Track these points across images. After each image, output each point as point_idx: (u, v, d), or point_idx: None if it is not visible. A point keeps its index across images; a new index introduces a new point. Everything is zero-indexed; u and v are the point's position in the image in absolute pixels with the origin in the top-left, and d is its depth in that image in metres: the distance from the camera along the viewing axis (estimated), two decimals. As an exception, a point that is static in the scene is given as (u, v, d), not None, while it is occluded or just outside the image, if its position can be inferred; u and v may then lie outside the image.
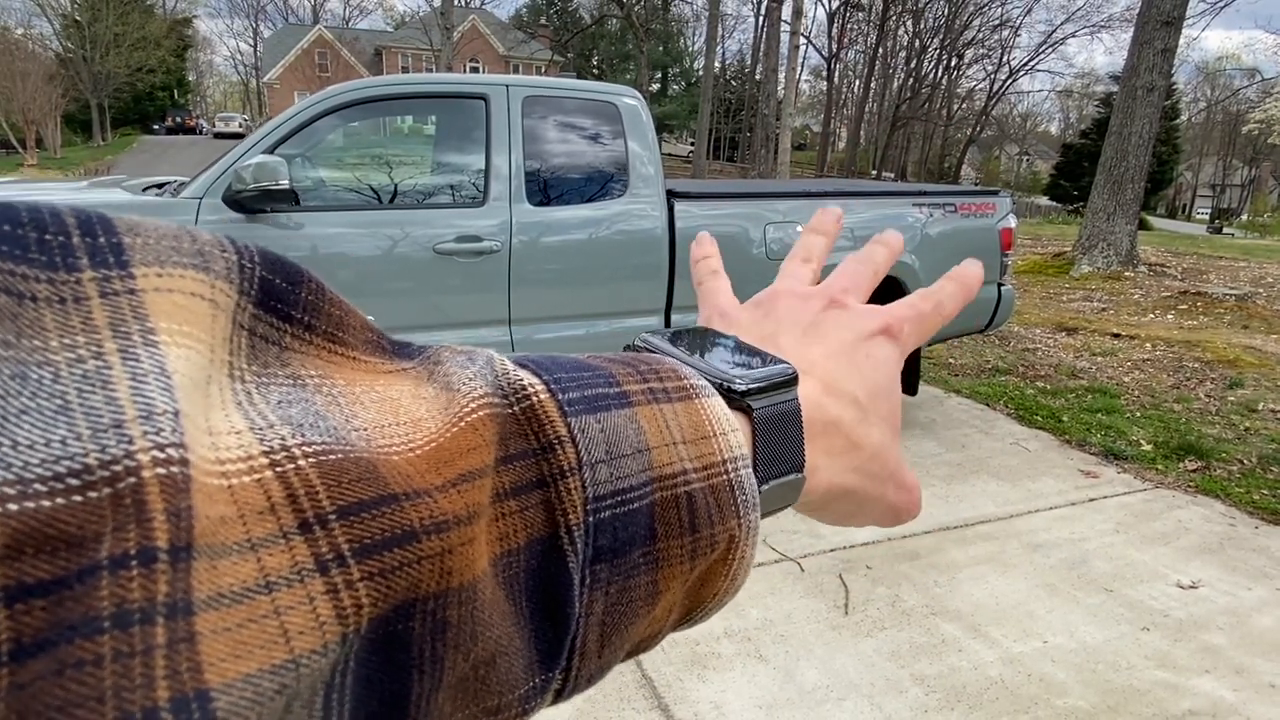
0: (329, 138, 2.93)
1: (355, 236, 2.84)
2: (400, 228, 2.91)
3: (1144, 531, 3.22)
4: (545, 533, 0.23)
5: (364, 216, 2.90)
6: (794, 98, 17.62)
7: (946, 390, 5.09)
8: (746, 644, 2.43)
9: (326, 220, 2.82)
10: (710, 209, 3.45)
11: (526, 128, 3.11)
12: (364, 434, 0.19)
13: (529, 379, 0.23)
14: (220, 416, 0.17)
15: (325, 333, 0.20)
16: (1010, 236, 4.14)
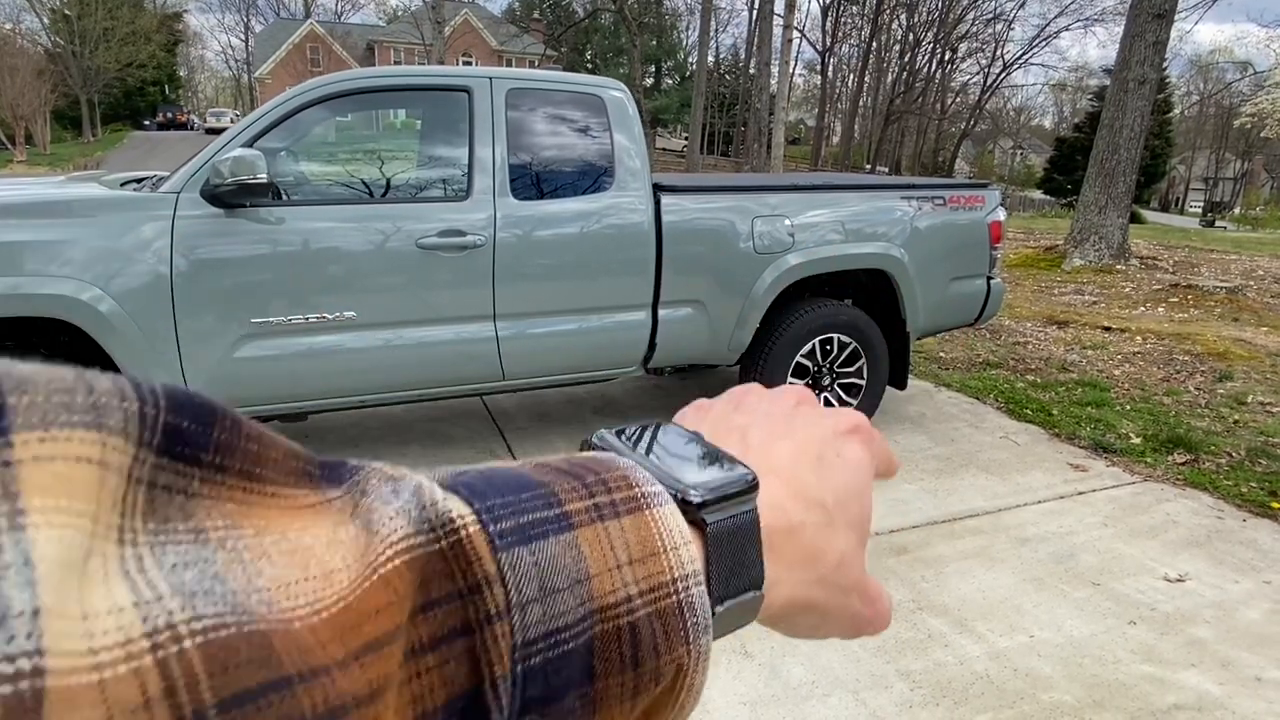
0: (310, 131, 2.89)
1: (337, 231, 2.81)
2: (383, 222, 2.88)
3: (1132, 525, 3.22)
4: (467, 688, 0.21)
5: (346, 211, 2.87)
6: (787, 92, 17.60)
7: (937, 384, 5.08)
8: (733, 639, 2.40)
9: (308, 215, 2.79)
10: (697, 203, 3.42)
11: (511, 121, 3.07)
12: (266, 596, 0.18)
13: (458, 510, 0.22)
14: (101, 594, 0.15)
15: (240, 471, 0.19)
16: (999, 230, 4.12)
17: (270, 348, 2.79)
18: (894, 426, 4.28)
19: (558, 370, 3.32)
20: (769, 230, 3.49)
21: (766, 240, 3.49)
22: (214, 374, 2.73)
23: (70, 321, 2.51)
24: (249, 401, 2.87)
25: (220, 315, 2.69)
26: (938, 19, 43.44)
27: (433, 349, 3.02)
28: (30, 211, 2.53)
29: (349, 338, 2.89)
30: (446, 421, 4.20)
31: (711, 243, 3.42)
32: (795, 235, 3.54)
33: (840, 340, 3.78)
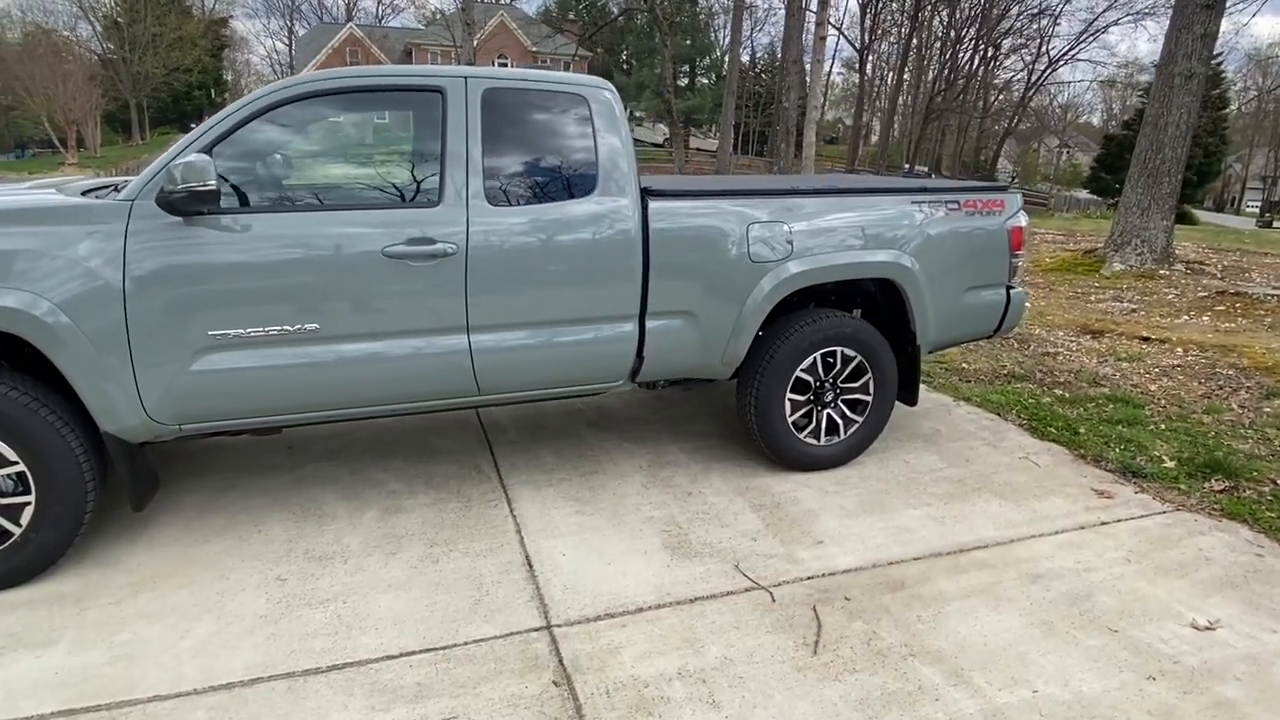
0: (274, 135, 2.77)
1: (298, 239, 2.67)
2: (347, 229, 2.74)
3: (1159, 561, 2.94)
4: None
5: (309, 218, 2.73)
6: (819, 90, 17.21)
7: (956, 398, 4.80)
8: (700, 687, 2.21)
9: (268, 222, 2.66)
10: (688, 208, 3.22)
11: (486, 122, 2.91)
12: None
13: None
14: None
15: None
16: (1021, 236, 3.84)
17: (229, 361, 2.67)
18: (905, 445, 4.03)
19: (537, 385, 3.15)
20: (765, 237, 3.28)
21: (762, 248, 3.27)
22: (170, 388, 2.62)
23: (19, 336, 2.41)
24: (208, 416, 2.76)
25: (176, 327, 2.58)
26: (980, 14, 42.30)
27: (401, 363, 2.88)
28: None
29: (311, 351, 2.76)
30: (434, 433, 4.07)
31: (703, 250, 3.22)
32: (794, 242, 3.32)
33: (844, 354, 3.55)
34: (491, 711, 2.10)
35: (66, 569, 2.70)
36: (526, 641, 2.40)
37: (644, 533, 3.08)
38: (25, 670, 2.21)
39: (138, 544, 2.91)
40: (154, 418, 2.65)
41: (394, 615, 2.52)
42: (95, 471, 2.62)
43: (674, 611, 2.57)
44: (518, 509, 3.25)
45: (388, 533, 3.04)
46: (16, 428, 2.47)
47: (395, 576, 2.74)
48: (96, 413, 2.56)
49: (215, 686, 2.17)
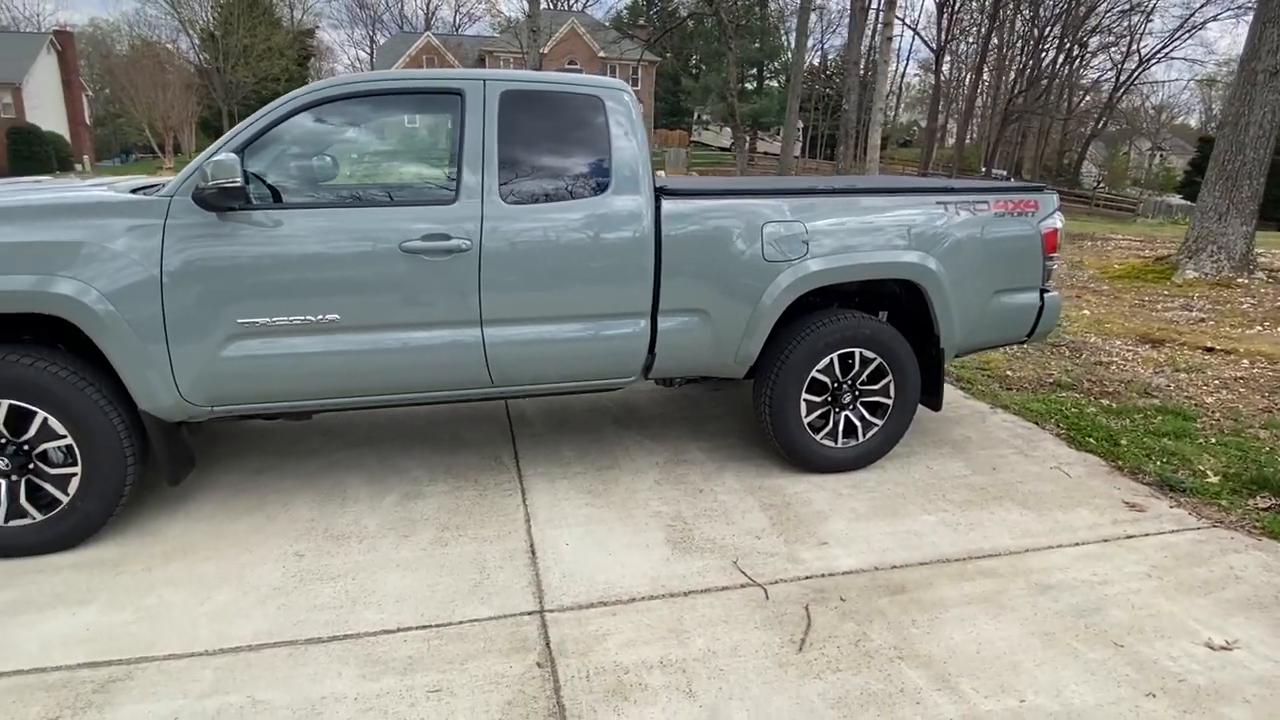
0: (302, 135, 2.93)
1: (322, 234, 2.83)
2: (368, 225, 2.88)
3: (1183, 578, 2.81)
4: None
5: (333, 214, 2.88)
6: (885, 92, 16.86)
7: (993, 405, 4.67)
8: (679, 676, 2.25)
9: (294, 217, 2.82)
10: (702, 207, 3.25)
11: (503, 122, 3.01)
12: None
13: None
14: None
15: None
16: (1055, 238, 3.72)
17: (256, 348, 2.85)
18: (931, 450, 3.95)
19: (549, 379, 3.23)
20: (780, 237, 3.28)
21: (777, 247, 3.27)
22: (202, 372, 2.81)
23: (67, 319, 2.64)
24: (236, 399, 2.94)
25: (208, 315, 2.77)
26: (1064, 12, 40.57)
27: (417, 354, 3.00)
28: (39, 214, 2.68)
29: (332, 340, 2.91)
30: (462, 424, 4.21)
31: (715, 250, 3.24)
32: (810, 242, 3.31)
33: (863, 355, 3.51)
34: (474, 687, 2.18)
35: (108, 537, 2.93)
36: (518, 624, 2.48)
37: (649, 527, 3.12)
38: (61, 625, 2.42)
39: (175, 518, 3.12)
40: (188, 399, 2.85)
41: (397, 593, 2.63)
42: (135, 448, 2.84)
43: (666, 603, 2.61)
44: (530, 499, 3.34)
45: (404, 516, 3.17)
46: (66, 405, 2.69)
47: (404, 557, 2.86)
48: (136, 393, 2.77)
49: (225, 649, 2.32)
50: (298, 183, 2.97)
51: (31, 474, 2.76)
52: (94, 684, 2.16)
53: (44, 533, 2.78)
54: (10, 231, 2.63)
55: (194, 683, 2.18)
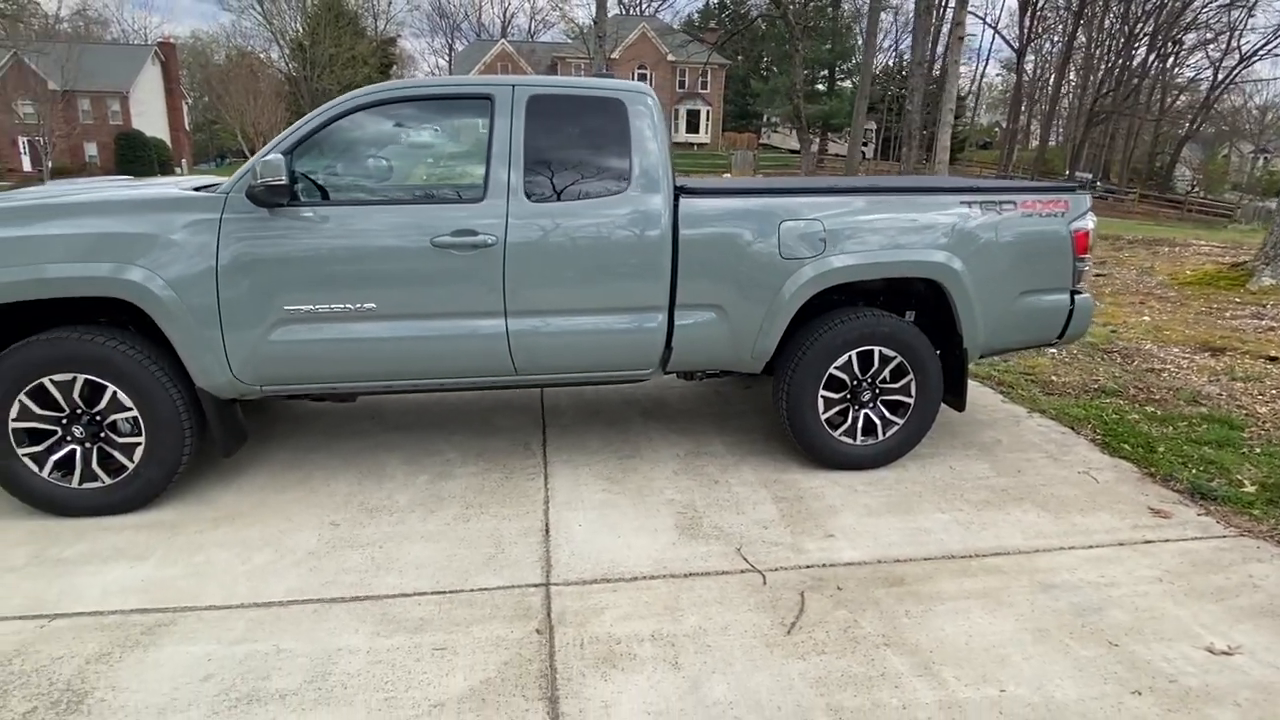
0: (344, 138, 3.18)
1: (361, 229, 3.06)
2: (403, 221, 3.10)
3: (1196, 584, 2.75)
4: None
5: (371, 210, 3.11)
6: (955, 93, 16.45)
7: (1031, 410, 4.59)
8: (668, 649, 2.36)
9: (336, 214, 3.06)
10: (719, 206, 3.35)
11: (529, 125, 3.19)
12: None
13: None
14: None
15: None
16: (1086, 239, 3.66)
17: (300, 332, 3.10)
18: (956, 451, 3.93)
19: (569, 368, 3.39)
20: (797, 235, 3.35)
21: (794, 246, 3.35)
22: (251, 354, 3.08)
23: (134, 303, 2.94)
24: (283, 380, 3.20)
25: (258, 302, 3.03)
26: (1158, 8, 38.54)
27: (446, 341, 3.21)
28: (114, 209, 2.99)
29: (368, 327, 3.14)
30: (496, 412, 4.42)
31: (731, 247, 3.34)
32: (827, 240, 3.37)
33: (882, 353, 3.54)
34: (476, 648, 2.35)
35: (167, 502, 3.23)
36: (524, 594, 2.64)
37: (660, 513, 3.24)
38: (120, 576, 2.71)
39: (228, 488, 3.41)
40: (239, 378, 3.12)
41: (418, 561, 2.83)
42: (192, 421, 3.13)
43: (666, 583, 2.72)
44: (552, 483, 3.51)
45: (433, 494, 3.39)
46: (133, 380, 3.00)
47: (429, 530, 3.07)
48: (193, 372, 3.06)
49: (258, 604, 2.56)
50: (340, 181, 3.21)
51: (102, 442, 3.08)
52: (143, 627, 2.42)
53: (111, 495, 3.10)
54: (91, 224, 2.95)
55: (228, 631, 2.41)
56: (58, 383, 2.98)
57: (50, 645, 2.33)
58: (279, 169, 2.83)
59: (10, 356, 2.94)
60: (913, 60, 15.39)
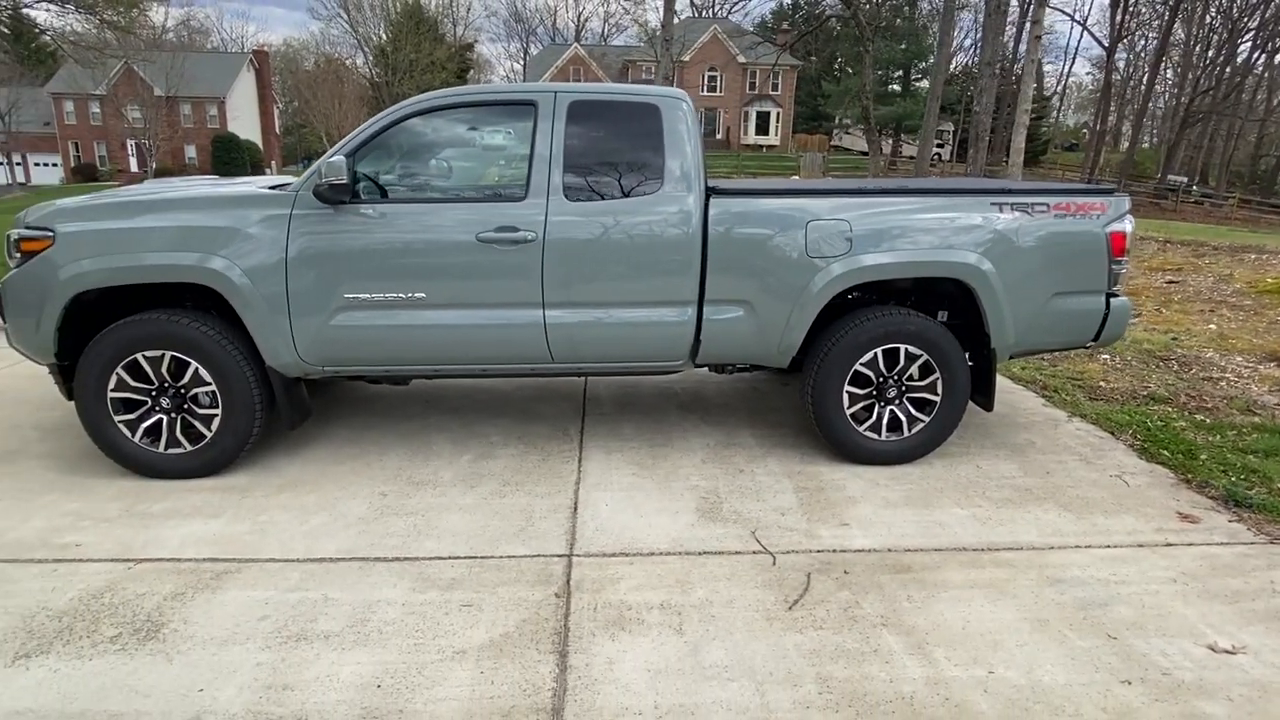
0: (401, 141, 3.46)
1: (413, 225, 3.34)
2: (452, 218, 3.37)
3: (1211, 586, 2.75)
4: None
5: (423, 208, 3.39)
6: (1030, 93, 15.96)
7: (1072, 414, 4.56)
8: (674, 617, 2.53)
9: (391, 211, 3.35)
10: (748, 206, 3.49)
11: (569, 129, 3.41)
12: None
13: None
14: None
15: None
16: (1123, 241, 3.65)
17: (358, 318, 3.40)
18: (987, 451, 3.96)
19: (602, 358, 3.59)
20: (823, 235, 3.46)
21: (820, 245, 3.46)
22: (315, 337, 3.40)
23: (214, 289, 3.30)
24: (342, 361, 3.52)
25: (321, 290, 3.35)
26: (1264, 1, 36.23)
27: (488, 330, 3.46)
28: (200, 205, 3.36)
29: (419, 315, 3.42)
30: (540, 400, 4.66)
31: (759, 246, 3.48)
32: (853, 240, 3.47)
33: (908, 351, 3.61)
34: (499, 605, 2.58)
35: (240, 469, 3.59)
36: (547, 563, 2.86)
37: (684, 497, 3.41)
38: (196, 530, 3.05)
39: (294, 459, 3.75)
40: (304, 359, 3.45)
41: (454, 529, 3.08)
42: (262, 397, 3.47)
43: (680, 559, 2.89)
44: (585, 466, 3.72)
45: (475, 471, 3.64)
46: (212, 358, 3.36)
47: (467, 503, 3.32)
48: (264, 352, 3.40)
49: (311, 559, 2.86)
50: (396, 181, 3.51)
51: (185, 413, 3.45)
52: (212, 573, 2.74)
53: (192, 461, 3.47)
54: (182, 218, 3.32)
55: (284, 580, 2.71)
56: (149, 358, 3.37)
57: (135, 584, 2.67)
58: (341, 170, 3.13)
59: (110, 334, 3.33)
60: (981, 60, 14.92)
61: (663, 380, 5.12)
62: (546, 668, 2.28)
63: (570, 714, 2.09)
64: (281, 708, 2.08)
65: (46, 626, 2.42)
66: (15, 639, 2.36)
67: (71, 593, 2.61)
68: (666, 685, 2.21)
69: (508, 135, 3.55)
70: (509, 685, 2.19)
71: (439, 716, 2.06)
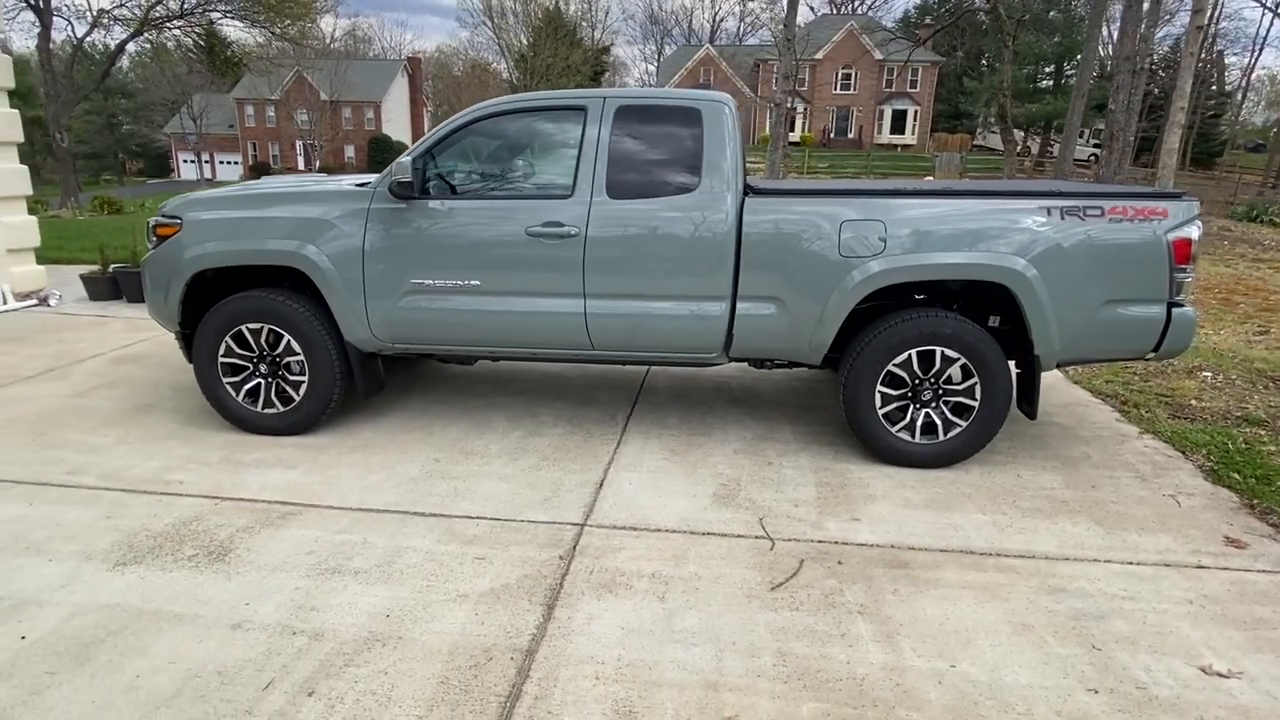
0: (465, 144, 3.83)
1: (472, 219, 3.70)
2: (505, 214, 3.70)
3: (1231, 611, 2.62)
4: None
5: (482, 204, 3.74)
6: (1188, 89, 14.59)
7: (1144, 430, 4.32)
8: (661, 586, 2.73)
9: (452, 206, 3.73)
10: (783, 205, 3.59)
11: (615, 132, 3.65)
12: None
13: None
14: None
15: None
16: (1188, 249, 3.46)
17: (422, 301, 3.80)
18: (1034, 461, 3.86)
19: (638, 347, 3.81)
20: (857, 235, 3.51)
21: (853, 245, 3.52)
22: (385, 317, 3.84)
23: (303, 271, 3.80)
24: (408, 340, 3.93)
25: (392, 275, 3.77)
26: None
27: (534, 317, 3.76)
28: (295, 199, 3.88)
29: (473, 300, 3.77)
30: (597, 387, 4.94)
31: (792, 244, 3.57)
32: (888, 241, 3.50)
33: (944, 354, 3.60)
34: (507, 561, 2.87)
35: (323, 431, 4.10)
36: (561, 529, 3.12)
37: (705, 483, 3.58)
38: (275, 478, 3.55)
39: (369, 425, 4.23)
40: (376, 336, 3.90)
41: (488, 494, 3.41)
42: (341, 369, 3.95)
43: (683, 537, 3.08)
44: (622, 449, 3.96)
45: (521, 446, 3.97)
46: (302, 332, 3.86)
47: (506, 473, 3.64)
48: (343, 329, 3.87)
49: (362, 509, 3.27)
50: (460, 179, 3.88)
51: (278, 379, 3.99)
52: (279, 514, 3.21)
53: (281, 421, 4.00)
54: (283, 210, 3.84)
55: (335, 524, 3.13)
56: (251, 330, 3.92)
57: (217, 517, 3.17)
58: (406, 170, 3.54)
59: (222, 308, 3.92)
60: (1119, 54, 13.70)
61: (719, 374, 5.27)
62: (533, 616, 2.54)
63: (541, 656, 2.34)
64: (305, 624, 2.46)
65: (144, 543, 2.95)
66: (118, 551, 2.89)
67: (168, 519, 3.14)
68: (634, 643, 2.41)
69: (560, 137, 3.84)
70: (496, 627, 2.47)
71: (429, 645, 2.37)
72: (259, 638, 2.39)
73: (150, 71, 49.93)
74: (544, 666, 2.29)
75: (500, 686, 2.20)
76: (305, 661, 2.28)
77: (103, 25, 27.54)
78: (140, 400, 4.58)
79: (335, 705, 2.11)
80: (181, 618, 2.49)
